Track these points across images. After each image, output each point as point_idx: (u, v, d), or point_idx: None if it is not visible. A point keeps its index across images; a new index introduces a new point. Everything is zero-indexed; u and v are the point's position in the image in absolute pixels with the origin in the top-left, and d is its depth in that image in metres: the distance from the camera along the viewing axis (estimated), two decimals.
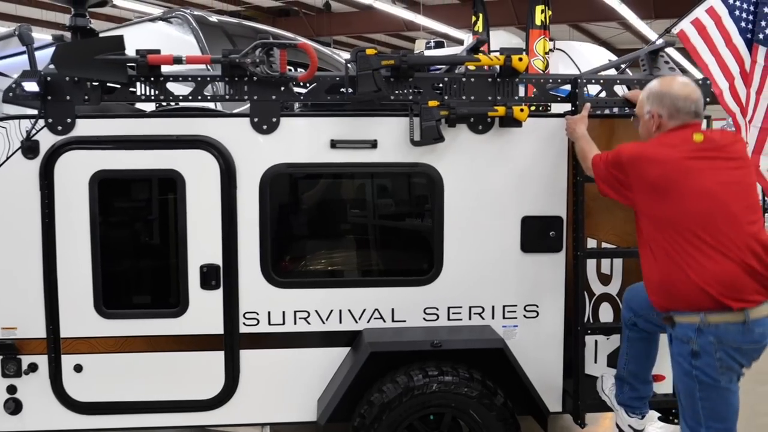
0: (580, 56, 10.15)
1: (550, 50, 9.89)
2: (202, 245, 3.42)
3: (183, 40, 5.07)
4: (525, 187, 3.53)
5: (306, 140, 3.44)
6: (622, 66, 4.13)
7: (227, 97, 3.39)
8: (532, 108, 3.55)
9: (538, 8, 9.52)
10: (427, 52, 11.58)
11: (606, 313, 3.64)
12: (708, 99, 3.57)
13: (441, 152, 3.46)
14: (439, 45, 12.69)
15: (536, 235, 3.53)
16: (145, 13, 10.43)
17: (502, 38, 10.74)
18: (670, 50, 4.32)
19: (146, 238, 3.70)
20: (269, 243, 3.44)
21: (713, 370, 2.70)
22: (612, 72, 4.34)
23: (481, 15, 10.63)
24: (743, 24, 5.18)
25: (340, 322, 3.53)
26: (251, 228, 3.43)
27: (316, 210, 3.72)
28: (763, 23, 5.13)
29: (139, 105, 3.91)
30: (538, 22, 9.55)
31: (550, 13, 9.74)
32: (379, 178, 3.65)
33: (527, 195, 3.53)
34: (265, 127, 3.39)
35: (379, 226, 3.73)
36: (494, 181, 3.52)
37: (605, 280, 3.63)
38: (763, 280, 2.72)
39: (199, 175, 3.39)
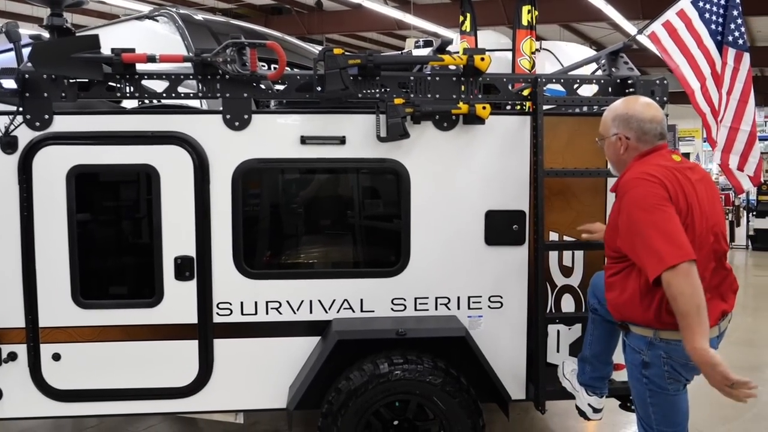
0: (566, 56, 10.25)
1: (537, 50, 10.01)
2: (177, 238, 3.54)
3: (169, 38, 5.17)
4: (488, 182, 3.66)
5: (277, 136, 3.57)
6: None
7: (200, 94, 3.51)
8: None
9: (525, 8, 9.62)
10: (416, 52, 11.71)
11: (568, 304, 3.78)
12: (666, 98, 3.72)
13: (408, 148, 3.59)
14: (428, 44, 12.80)
15: (500, 228, 3.66)
16: (136, 11, 10.52)
17: (490, 38, 10.86)
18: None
19: (122, 231, 3.83)
20: (241, 236, 3.56)
21: (662, 379, 2.74)
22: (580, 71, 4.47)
23: (468, 15, 10.74)
24: (713, 27, 5.30)
25: (311, 312, 3.65)
26: (224, 221, 3.55)
27: (287, 204, 3.86)
28: (732, 26, 5.24)
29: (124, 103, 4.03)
30: (524, 23, 9.66)
31: (537, 13, 9.85)
32: (348, 174, 3.78)
33: (491, 190, 3.66)
34: (237, 123, 3.52)
35: (348, 219, 3.86)
36: (459, 177, 3.65)
37: (567, 272, 3.77)
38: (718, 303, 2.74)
39: (174, 170, 3.51)
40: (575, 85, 3.70)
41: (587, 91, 3.79)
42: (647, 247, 2.56)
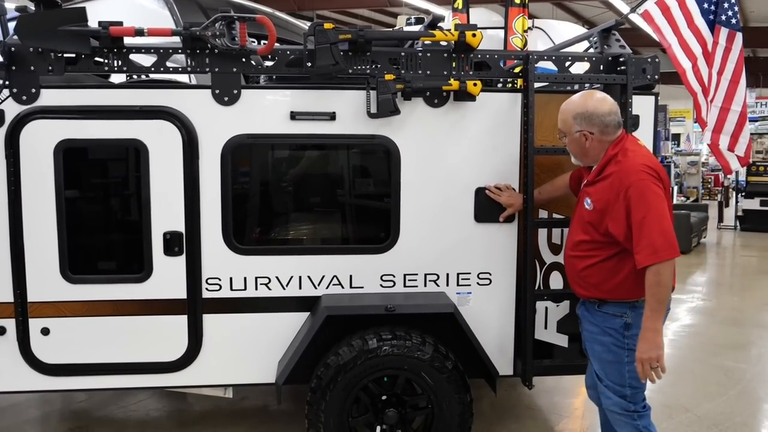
0: (558, 35, 10.21)
1: (529, 28, 9.96)
2: (166, 213, 3.53)
3: (157, 12, 5.11)
4: (478, 159, 3.66)
5: (266, 112, 3.55)
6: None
7: (189, 69, 3.48)
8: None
9: None
10: (407, 28, 11.62)
11: (556, 281, 3.80)
12: (658, 77, 3.72)
13: (398, 125, 3.58)
14: (419, 21, 12.69)
15: (489, 205, 3.67)
16: None
17: (482, 16, 10.79)
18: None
19: (111, 206, 3.82)
20: (231, 211, 3.56)
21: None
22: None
23: None
24: (706, 5, 5.28)
25: (300, 288, 3.66)
26: (213, 196, 3.54)
27: (276, 180, 3.85)
28: (726, 5, 5.23)
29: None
30: (517, 0, 9.62)
31: None
32: (337, 150, 3.77)
33: (480, 167, 3.67)
34: (226, 98, 3.49)
35: (338, 196, 3.86)
36: (449, 153, 3.65)
37: (556, 249, 3.78)
38: None
39: (163, 145, 3.49)
40: (567, 63, 3.69)
41: (579, 69, 3.79)
42: (645, 238, 2.85)
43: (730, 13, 5.28)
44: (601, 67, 3.72)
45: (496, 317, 3.79)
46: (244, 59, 3.47)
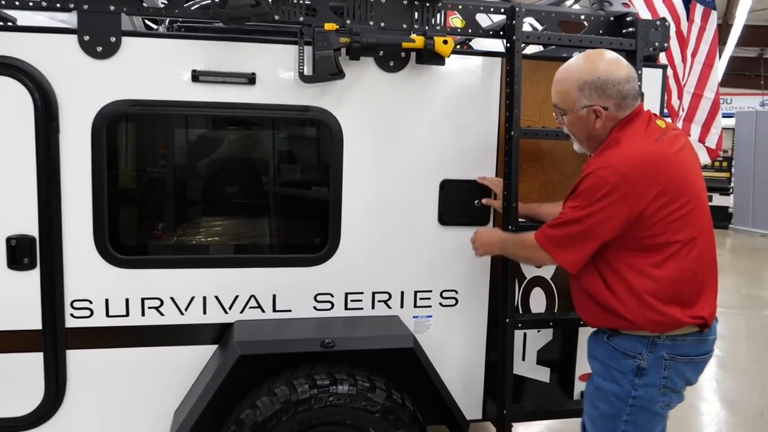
0: None
1: None
2: (9, 210, 2.49)
3: None
4: (446, 143, 2.79)
5: (158, 70, 2.54)
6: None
7: (44, 4, 2.43)
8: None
9: None
10: None
11: (538, 301, 3.00)
12: (667, 45, 2.96)
13: (340, 94, 2.66)
14: None
15: (458, 203, 2.83)
16: None
17: None
18: None
19: None
20: (106, 207, 2.54)
21: (655, 390, 2.25)
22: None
23: None
24: None
25: (205, 312, 2.70)
26: (81, 187, 2.52)
27: (172, 165, 2.83)
28: None
29: None
30: None
31: None
32: (257, 126, 2.80)
33: (448, 152, 2.80)
34: (99, 49, 2.47)
35: (257, 188, 2.90)
36: (408, 134, 2.76)
37: None
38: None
39: (4, 112, 2.44)
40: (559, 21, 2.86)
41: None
42: (558, 227, 2.30)
43: None
44: (601, 30, 2.91)
45: (463, 347, 2.95)
46: None
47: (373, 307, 2.83)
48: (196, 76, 2.54)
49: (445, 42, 2.60)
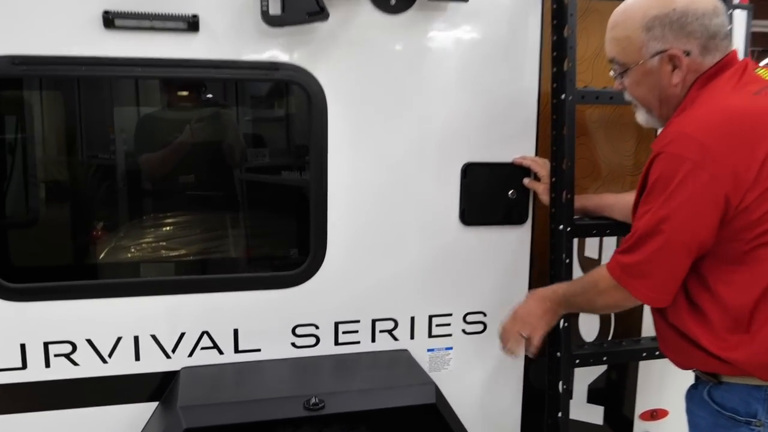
0: None
1: None
2: None
3: None
4: (468, 113, 2.05)
5: (55, 12, 1.75)
6: None
7: None
8: None
9: None
10: None
11: (588, 325, 2.27)
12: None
13: (322, 45, 1.89)
14: None
15: (486, 194, 2.08)
16: None
17: None
18: None
19: None
20: None
21: None
22: None
23: None
24: None
25: (138, 358, 1.92)
26: None
27: (80, 151, 2.03)
28: None
29: None
30: None
31: None
32: (204, 91, 2.01)
33: (472, 126, 2.05)
34: None
35: (209, 180, 2.12)
36: (416, 101, 2.00)
37: (589, 267, 2.24)
38: None
39: None
40: None
41: None
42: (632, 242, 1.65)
43: None
44: None
45: (494, 387, 2.23)
46: None
47: (373, 340, 2.09)
48: (110, 20, 1.74)
49: None
